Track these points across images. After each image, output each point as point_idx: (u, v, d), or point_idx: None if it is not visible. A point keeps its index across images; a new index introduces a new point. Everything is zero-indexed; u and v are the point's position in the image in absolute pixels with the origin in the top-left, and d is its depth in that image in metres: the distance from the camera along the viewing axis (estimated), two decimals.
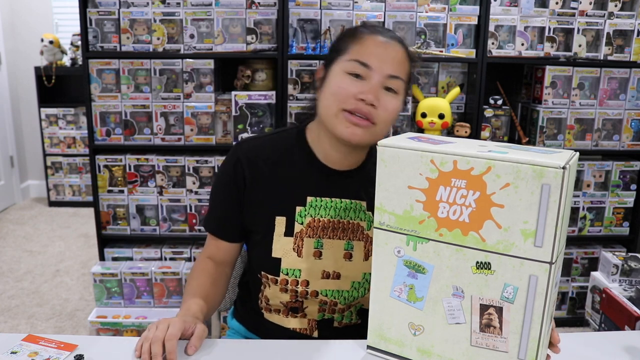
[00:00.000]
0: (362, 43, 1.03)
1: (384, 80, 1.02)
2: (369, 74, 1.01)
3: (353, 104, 1.01)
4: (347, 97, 1.01)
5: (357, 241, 1.10)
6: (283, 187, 1.10)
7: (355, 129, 1.02)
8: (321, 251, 1.08)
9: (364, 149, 1.12)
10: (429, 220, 0.82)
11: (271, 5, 2.16)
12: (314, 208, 1.09)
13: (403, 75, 1.04)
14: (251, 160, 1.10)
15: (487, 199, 0.77)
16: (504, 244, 0.77)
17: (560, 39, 2.26)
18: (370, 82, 1.01)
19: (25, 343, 0.92)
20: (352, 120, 1.01)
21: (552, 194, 0.72)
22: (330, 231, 1.09)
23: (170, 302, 2.31)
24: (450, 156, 0.78)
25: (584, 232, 2.40)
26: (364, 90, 1.00)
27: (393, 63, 1.02)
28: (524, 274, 0.77)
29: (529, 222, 0.75)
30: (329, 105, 1.03)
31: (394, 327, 0.89)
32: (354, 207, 1.10)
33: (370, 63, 1.01)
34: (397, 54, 1.04)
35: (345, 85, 1.01)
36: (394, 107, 1.04)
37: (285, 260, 1.08)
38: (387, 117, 1.03)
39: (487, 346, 0.82)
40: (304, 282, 1.08)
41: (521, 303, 0.78)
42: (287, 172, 1.10)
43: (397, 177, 0.83)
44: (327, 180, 1.10)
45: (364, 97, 1.00)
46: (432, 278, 0.84)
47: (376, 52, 1.02)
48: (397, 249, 0.86)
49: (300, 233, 1.08)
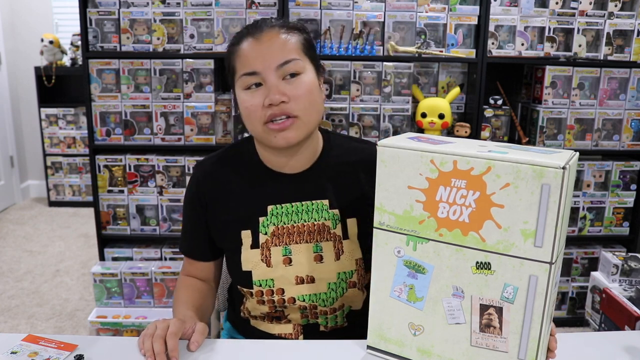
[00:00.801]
0: (240, 55, 1.01)
1: (277, 73, 0.99)
2: (262, 78, 0.99)
3: (266, 114, 0.99)
4: (257, 112, 0.99)
5: (325, 242, 1.07)
6: (243, 201, 1.09)
7: (285, 134, 1.00)
8: (290, 257, 1.06)
9: (310, 146, 1.09)
10: (429, 220, 0.82)
11: (271, 5, 2.16)
12: (275, 216, 1.07)
13: (294, 53, 1.00)
14: (210, 180, 1.11)
15: (487, 199, 0.77)
16: (503, 244, 0.77)
17: (560, 39, 2.26)
18: (266, 83, 0.99)
19: (25, 343, 0.92)
20: (277, 128, 0.99)
21: (552, 194, 0.72)
22: (296, 236, 1.07)
23: (170, 302, 2.30)
24: (450, 156, 0.78)
25: (584, 232, 2.40)
26: (266, 95, 0.98)
27: (276, 51, 0.99)
28: (524, 274, 0.77)
29: (529, 222, 0.75)
30: (252, 127, 1.03)
31: (394, 327, 0.89)
32: (316, 207, 1.08)
33: (254, 69, 0.99)
34: (274, 41, 1.00)
35: (249, 101, 1.00)
36: (305, 86, 1.00)
37: (256, 272, 1.06)
38: (305, 101, 1.00)
39: (487, 346, 0.82)
40: (279, 291, 1.07)
41: (521, 303, 0.78)
42: (244, 186, 1.10)
43: (397, 177, 0.83)
44: (284, 187, 1.09)
45: (270, 101, 0.98)
46: (432, 278, 0.84)
47: (255, 54, 1.00)
48: (397, 249, 0.86)
49: (266, 243, 1.07)
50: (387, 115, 2.25)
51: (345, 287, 1.08)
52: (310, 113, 1.02)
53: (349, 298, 1.09)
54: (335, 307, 1.09)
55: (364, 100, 2.25)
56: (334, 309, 1.09)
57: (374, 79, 2.24)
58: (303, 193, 1.08)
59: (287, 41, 1.01)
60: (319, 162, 1.11)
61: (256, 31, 1.02)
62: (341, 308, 1.10)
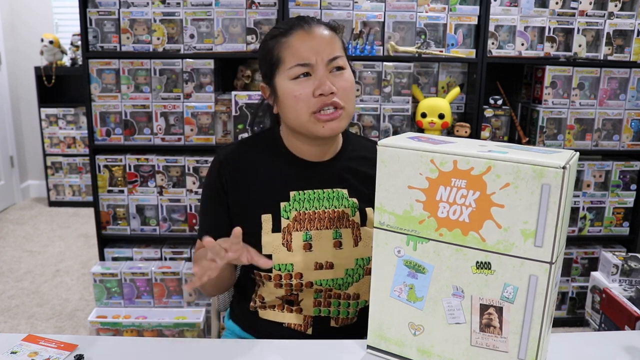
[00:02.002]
0: (290, 46, 1.06)
1: (327, 66, 1.05)
2: (312, 69, 1.05)
3: (317, 103, 1.04)
4: (308, 100, 1.04)
5: (344, 229, 1.11)
6: (265, 186, 1.12)
7: (332, 124, 1.05)
8: (311, 243, 1.09)
9: (338, 137, 1.16)
10: (429, 220, 0.82)
11: (271, 5, 2.16)
12: (297, 202, 1.11)
13: (339, 51, 1.08)
14: (232, 163, 1.14)
15: (487, 198, 0.77)
16: (504, 244, 0.77)
17: (560, 39, 2.26)
18: (317, 75, 1.04)
19: (25, 343, 0.92)
20: (325, 118, 1.05)
21: (552, 194, 0.73)
22: (317, 222, 1.10)
23: (170, 302, 2.31)
24: (451, 156, 0.78)
25: (584, 232, 2.40)
26: (317, 85, 1.04)
27: (326, 46, 1.06)
28: (524, 274, 0.77)
29: (529, 222, 0.75)
30: (296, 116, 1.07)
31: (394, 327, 0.89)
32: (336, 195, 1.12)
33: (308, 60, 1.04)
34: (324, 36, 1.07)
35: (300, 90, 1.05)
36: (350, 80, 1.08)
37: (276, 256, 1.08)
38: (349, 93, 1.07)
39: (487, 346, 0.82)
40: (297, 275, 1.09)
41: (521, 303, 0.78)
42: (267, 170, 1.13)
43: (397, 177, 0.83)
44: (307, 174, 1.13)
45: (322, 91, 1.03)
46: (432, 278, 0.84)
47: (307, 47, 1.05)
48: (397, 249, 0.86)
49: (287, 228, 1.09)
50: (387, 115, 2.25)
51: (362, 273, 1.11)
52: (352, 106, 1.09)
53: (364, 286, 1.12)
54: (349, 294, 1.12)
55: (364, 100, 2.25)
56: (348, 294, 1.12)
57: (374, 79, 2.24)
58: (325, 181, 1.13)
59: (334, 38, 1.08)
60: (341, 154, 1.17)
61: (305, 24, 1.07)
62: (355, 299, 1.12)
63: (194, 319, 2.22)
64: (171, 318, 2.22)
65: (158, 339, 1.10)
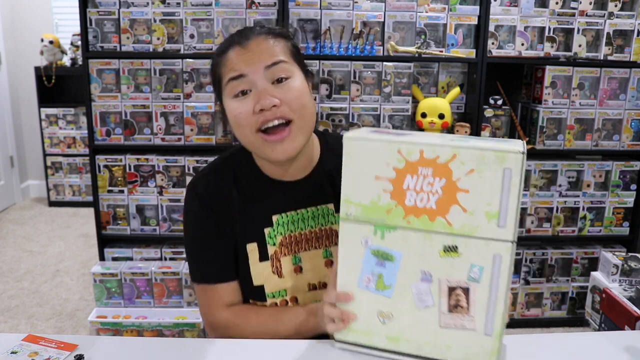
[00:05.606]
0: (226, 61, 0.98)
1: (265, 76, 0.96)
2: (249, 82, 0.96)
3: (259, 120, 0.95)
4: (249, 118, 0.96)
5: (334, 246, 1.06)
6: (246, 214, 1.05)
7: (283, 146, 0.96)
8: (301, 266, 1.05)
9: (308, 151, 1.07)
10: (397, 208, 0.84)
11: (271, 5, 2.16)
12: (282, 225, 1.05)
13: (282, 55, 0.98)
14: (209, 197, 1.05)
15: (452, 185, 0.80)
16: (469, 226, 0.81)
17: (560, 39, 2.26)
18: (256, 88, 0.96)
19: (25, 343, 0.92)
20: (273, 139, 0.96)
21: (513, 177, 0.78)
22: (305, 243, 1.06)
23: (170, 302, 2.31)
24: (417, 145, 0.81)
25: (584, 232, 2.40)
26: (256, 100, 0.95)
27: (263, 55, 0.96)
28: (489, 254, 0.80)
29: (492, 204, 0.79)
30: (242, 136, 0.99)
31: (362, 318, 0.89)
32: (322, 212, 1.07)
33: (240, 72, 0.96)
34: (261, 44, 0.97)
35: (240, 109, 0.96)
36: (297, 89, 0.97)
37: (268, 285, 1.05)
38: (297, 103, 0.96)
39: (455, 326, 0.84)
40: (292, 299, 1.07)
41: (487, 282, 0.81)
42: (245, 197, 1.06)
43: (363, 168, 0.84)
44: (288, 194, 1.06)
45: (262, 106, 0.94)
46: (401, 265, 0.85)
47: (240, 59, 0.96)
48: (364, 239, 0.86)
49: (275, 254, 1.05)
50: (387, 115, 2.25)
51: None
52: (304, 116, 0.98)
53: None
54: None
55: (364, 100, 2.25)
56: None
57: (374, 79, 2.24)
58: (307, 199, 1.06)
59: (274, 46, 0.98)
60: (319, 167, 1.09)
61: (242, 39, 0.99)
62: None
63: (194, 319, 2.22)
64: (171, 318, 2.23)
65: (158, 339, 1.11)
